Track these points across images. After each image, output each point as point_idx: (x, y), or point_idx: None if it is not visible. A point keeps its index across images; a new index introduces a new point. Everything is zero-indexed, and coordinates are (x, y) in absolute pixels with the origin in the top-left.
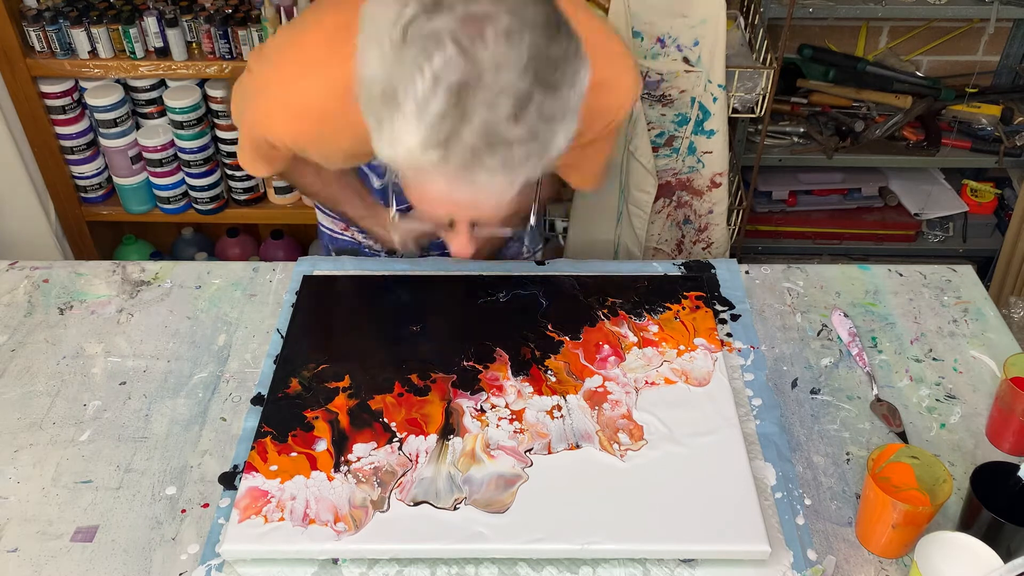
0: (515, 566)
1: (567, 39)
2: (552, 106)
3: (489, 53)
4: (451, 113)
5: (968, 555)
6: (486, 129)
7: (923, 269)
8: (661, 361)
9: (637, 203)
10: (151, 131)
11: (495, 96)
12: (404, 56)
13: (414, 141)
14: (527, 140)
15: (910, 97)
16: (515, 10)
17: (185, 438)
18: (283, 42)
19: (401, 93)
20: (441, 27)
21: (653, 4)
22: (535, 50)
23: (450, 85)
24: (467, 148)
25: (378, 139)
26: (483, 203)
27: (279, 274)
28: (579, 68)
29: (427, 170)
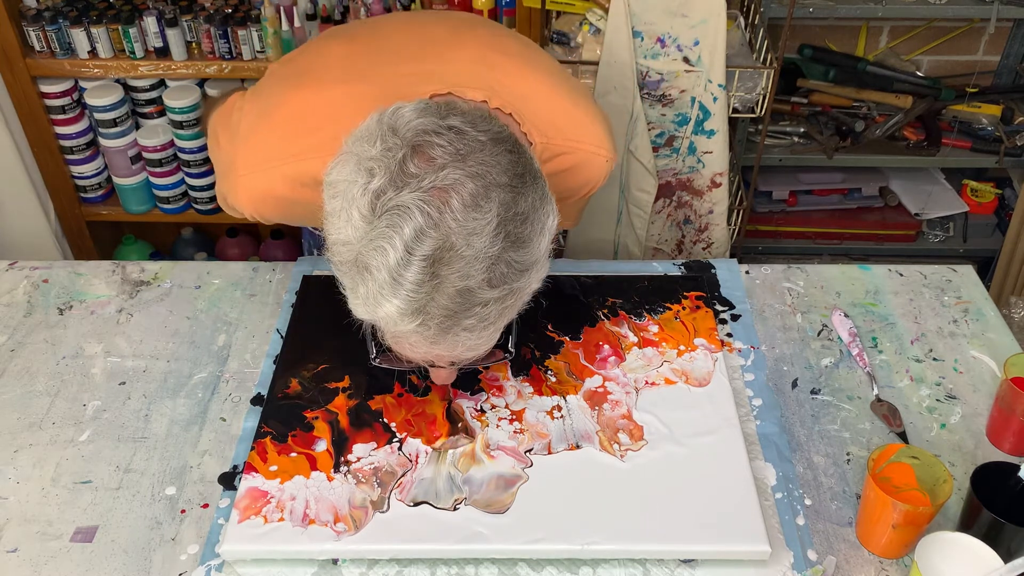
0: (515, 566)
1: (532, 186)
2: (524, 258)
3: (459, 222)
4: (427, 282)
5: (968, 555)
6: (462, 294)
7: (923, 269)
8: (661, 361)
9: (637, 203)
10: (151, 131)
11: (469, 264)
12: (374, 227)
13: (392, 309)
14: (502, 298)
15: (910, 97)
16: (480, 173)
17: (185, 438)
18: (248, 127)
19: (373, 264)
20: (409, 200)
21: (653, 4)
22: (504, 210)
23: (424, 255)
24: (444, 313)
25: (353, 300)
26: (462, 355)
27: (279, 274)
28: (548, 212)
29: (405, 335)
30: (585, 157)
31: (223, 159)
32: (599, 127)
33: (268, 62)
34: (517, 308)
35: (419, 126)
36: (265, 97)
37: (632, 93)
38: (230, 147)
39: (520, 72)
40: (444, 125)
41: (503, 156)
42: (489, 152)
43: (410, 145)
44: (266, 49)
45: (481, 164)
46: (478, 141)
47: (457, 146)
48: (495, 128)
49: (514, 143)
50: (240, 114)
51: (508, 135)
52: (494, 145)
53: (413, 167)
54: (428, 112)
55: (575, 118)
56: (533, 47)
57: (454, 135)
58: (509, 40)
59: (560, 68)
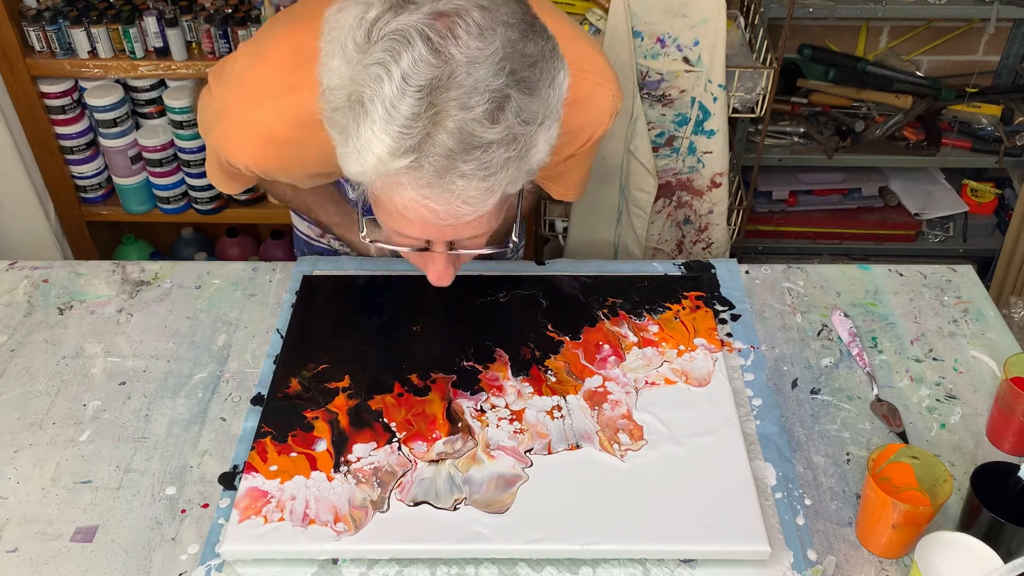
0: (515, 566)
1: (542, 38)
2: (530, 106)
3: (461, 49)
4: (423, 115)
5: (968, 555)
6: (461, 130)
7: (923, 269)
8: (661, 361)
9: (637, 203)
10: (151, 131)
11: (469, 94)
12: (370, 57)
13: (384, 148)
14: (505, 142)
15: (910, 97)
16: (487, 6)
17: (185, 438)
18: (242, 66)
19: (367, 97)
20: (408, 24)
21: (653, 4)
22: (509, 46)
23: (420, 85)
24: (441, 152)
25: (344, 153)
26: (461, 214)
27: (279, 274)
28: (557, 68)
29: (399, 180)
30: (591, 88)
31: (214, 108)
32: (605, 62)
33: None
34: (522, 170)
35: None
36: (258, 40)
37: (632, 93)
38: (221, 91)
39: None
40: None
41: (513, 4)
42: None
43: None
44: None
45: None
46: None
47: None
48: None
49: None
50: (232, 63)
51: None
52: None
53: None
54: None
55: (581, 49)
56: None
57: None
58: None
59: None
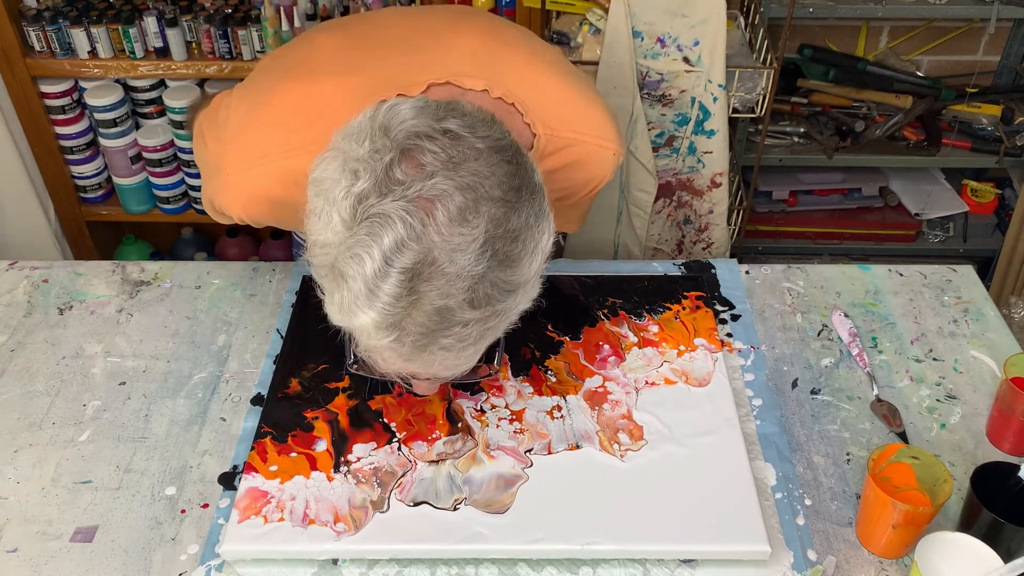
0: (515, 566)
1: (529, 200)
2: (512, 279)
3: (443, 236)
4: (404, 297)
5: (968, 555)
6: (440, 313)
7: (923, 269)
8: (661, 361)
9: (637, 203)
10: (151, 131)
11: (451, 282)
12: (353, 234)
13: (366, 320)
14: (484, 319)
15: (910, 97)
16: (471, 185)
17: (185, 438)
18: (239, 121)
19: (350, 272)
20: (390, 209)
21: (653, 4)
22: (493, 227)
23: (403, 267)
24: (421, 330)
25: (329, 305)
26: (439, 373)
27: (279, 274)
28: (542, 231)
29: (382, 351)
30: (591, 150)
31: (210, 159)
32: (605, 118)
33: None
34: (501, 329)
35: (412, 128)
36: (254, 92)
37: (632, 93)
38: (217, 145)
39: (522, 61)
40: (439, 128)
41: (500, 167)
42: (485, 162)
43: (400, 148)
44: (266, 49)
45: (474, 175)
46: (475, 149)
47: (450, 153)
48: (496, 135)
49: (515, 152)
50: (228, 111)
51: (509, 143)
52: (491, 154)
53: (400, 173)
54: (425, 113)
55: (580, 109)
56: (534, 37)
57: (449, 140)
58: (510, 30)
59: (563, 58)
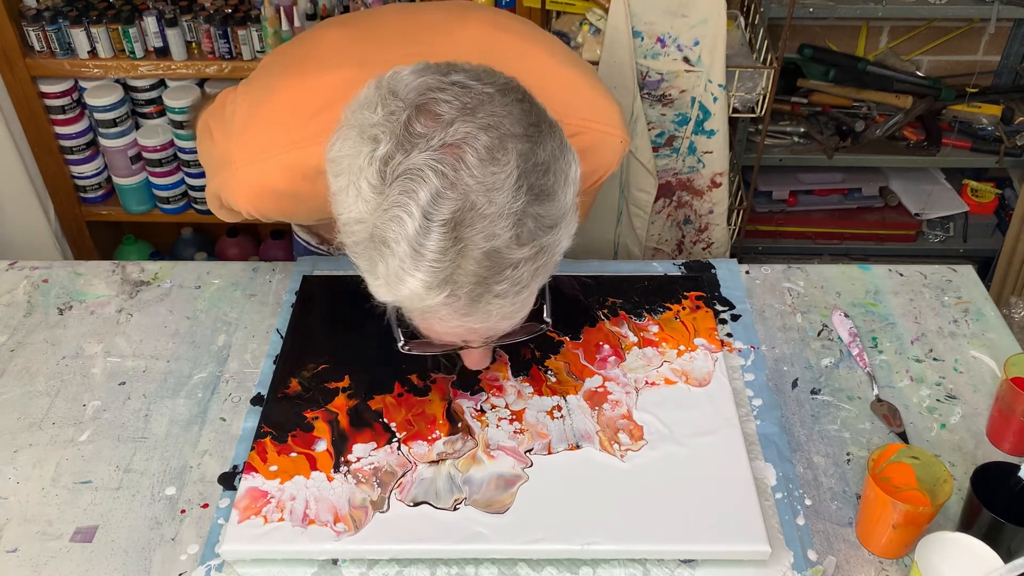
0: (515, 566)
1: (550, 133)
2: (551, 212)
3: (476, 178)
4: (450, 248)
5: (968, 555)
6: (490, 257)
7: (923, 269)
8: (661, 361)
9: (637, 203)
10: (150, 131)
11: (493, 222)
12: (387, 199)
13: (416, 283)
14: (533, 257)
15: (910, 97)
16: (493, 124)
17: (185, 438)
18: (244, 116)
19: (391, 236)
20: (420, 162)
21: (653, 4)
22: (523, 161)
23: (444, 220)
24: (473, 280)
25: (373, 281)
26: (496, 327)
27: (279, 274)
28: (569, 162)
29: (437, 311)
30: (598, 138)
31: (216, 155)
32: (611, 106)
33: None
34: (550, 269)
35: (420, 85)
36: (259, 87)
37: (632, 93)
38: (224, 140)
39: (527, 50)
40: (447, 81)
41: (514, 106)
42: (498, 103)
43: (413, 105)
44: (266, 49)
45: (492, 115)
46: (485, 93)
47: (464, 100)
48: (500, 80)
49: (523, 92)
50: (233, 107)
51: (516, 85)
52: (502, 95)
53: (420, 127)
54: (428, 71)
55: (586, 97)
56: (536, 27)
57: (459, 89)
58: (513, 21)
59: (566, 47)
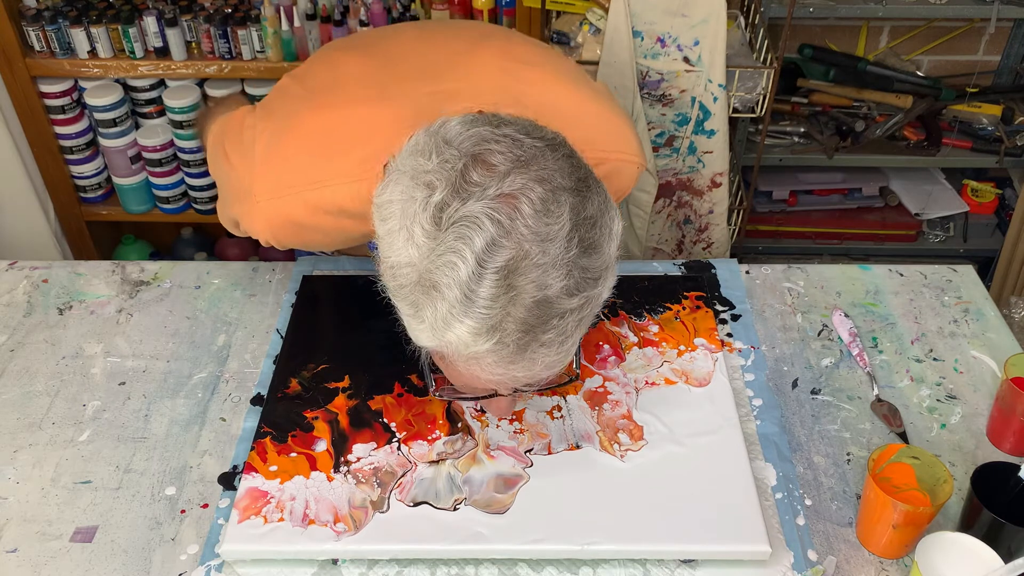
0: (515, 566)
1: (596, 188)
2: (597, 266)
3: (531, 228)
4: (502, 296)
5: (969, 555)
6: (539, 306)
7: (924, 269)
8: (661, 361)
9: (637, 203)
10: (150, 131)
11: (545, 272)
12: (441, 242)
13: (464, 329)
14: (579, 308)
15: (911, 97)
16: (546, 177)
17: (185, 438)
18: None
19: (443, 281)
20: (477, 210)
21: (653, 3)
22: (574, 215)
23: (497, 267)
24: (521, 328)
25: (418, 326)
26: (537, 376)
27: (279, 274)
28: (613, 217)
29: (481, 357)
30: (617, 166)
31: (234, 183)
32: (628, 133)
33: (268, 62)
34: (590, 320)
35: (475, 136)
36: (280, 116)
37: (632, 93)
38: (245, 170)
39: (544, 81)
40: (499, 133)
41: (563, 161)
42: (550, 157)
43: (469, 155)
44: (266, 49)
45: (544, 169)
46: (535, 148)
47: (516, 152)
48: (548, 135)
49: (569, 148)
50: (253, 132)
51: (562, 140)
52: (551, 151)
53: (476, 176)
54: (479, 122)
55: (604, 126)
56: (550, 51)
57: (511, 142)
58: (527, 47)
59: (580, 71)
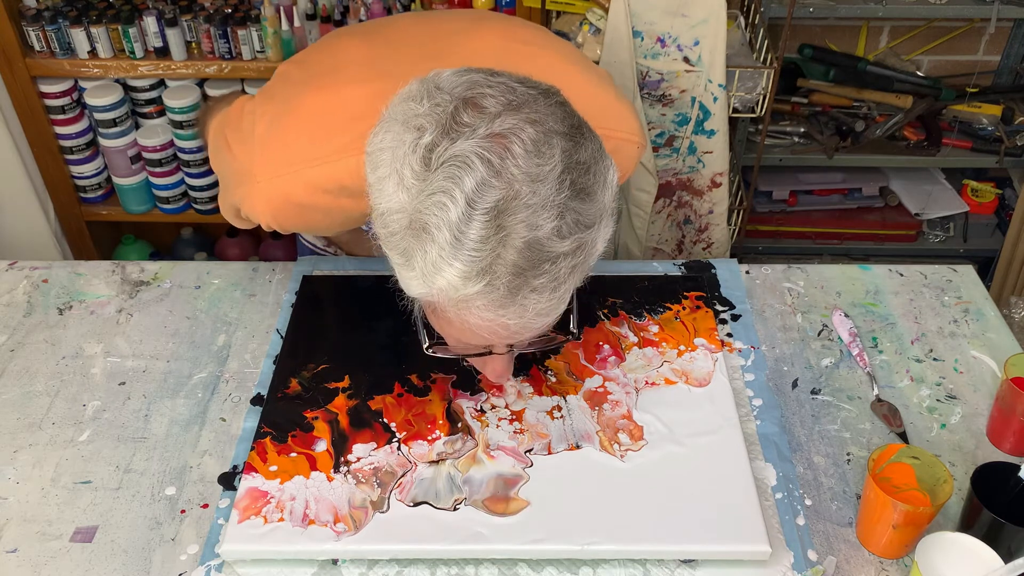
0: (515, 566)
1: (591, 137)
2: (590, 211)
3: (522, 168)
4: (491, 237)
5: (969, 555)
6: (530, 247)
7: (924, 269)
8: (661, 361)
9: (637, 203)
10: (150, 131)
11: (536, 213)
12: (430, 183)
13: (455, 272)
14: (572, 253)
15: (911, 97)
16: (538, 120)
17: (184, 438)
18: (265, 129)
19: (433, 224)
20: (466, 149)
21: (653, 3)
22: (566, 157)
23: (487, 208)
24: (512, 271)
25: (407, 274)
26: (529, 325)
27: (279, 274)
28: (607, 166)
29: (472, 302)
30: (617, 144)
31: (235, 167)
32: (629, 112)
33: (268, 62)
34: (585, 270)
35: (467, 81)
36: (280, 99)
37: (632, 93)
38: (245, 154)
39: (544, 59)
40: (493, 80)
41: (556, 108)
42: (542, 103)
43: (460, 98)
44: (266, 49)
45: (536, 112)
46: (528, 94)
47: (509, 97)
48: (543, 85)
49: (563, 98)
50: (252, 118)
51: (556, 90)
52: (545, 98)
53: (467, 117)
54: (472, 71)
55: (604, 104)
56: (549, 34)
57: (504, 87)
58: (527, 30)
59: (581, 54)
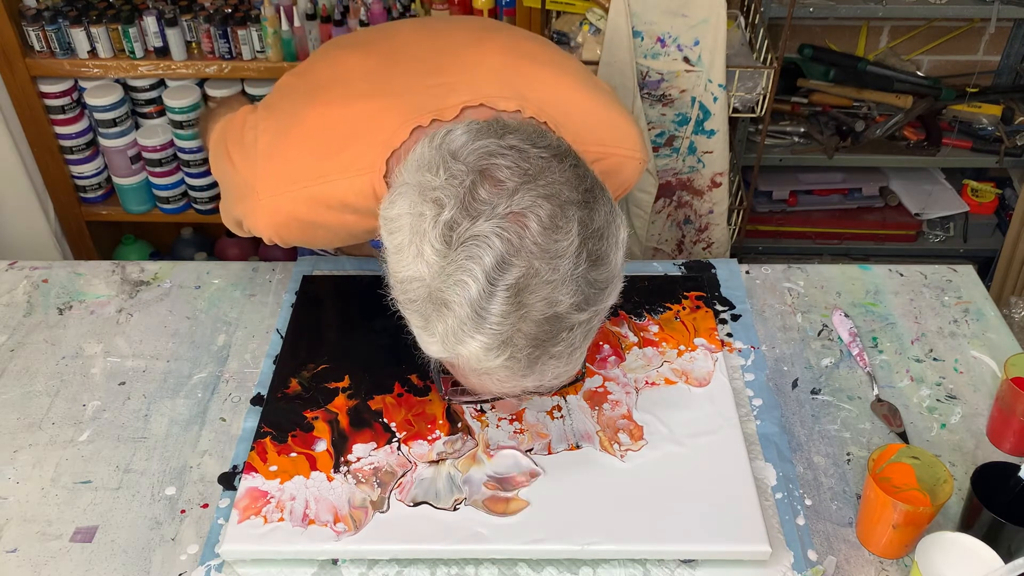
0: (515, 566)
1: (602, 197)
2: (605, 275)
3: (540, 246)
4: (512, 313)
5: (969, 555)
6: (550, 321)
7: (924, 269)
8: (661, 361)
9: (637, 203)
10: (150, 131)
11: (555, 289)
12: (451, 261)
13: (476, 345)
14: (588, 320)
15: (911, 97)
16: (554, 193)
17: (184, 438)
18: (267, 145)
19: (454, 299)
20: (486, 229)
21: (653, 3)
22: (583, 229)
23: (508, 285)
24: (532, 343)
25: (428, 338)
26: (550, 383)
27: (279, 274)
28: (619, 225)
29: (494, 372)
30: (620, 162)
31: (237, 180)
32: (631, 129)
33: (268, 62)
34: (597, 329)
35: (480, 149)
36: (281, 114)
37: (632, 93)
38: (248, 168)
39: (547, 77)
40: (504, 145)
41: (568, 172)
42: (556, 170)
43: (476, 170)
44: (266, 49)
45: (551, 183)
46: (541, 159)
47: (523, 166)
48: (553, 143)
49: (575, 156)
50: (255, 132)
51: (567, 148)
52: (557, 162)
53: (484, 193)
54: (483, 133)
55: (607, 121)
56: (553, 48)
57: (517, 154)
58: (530, 43)
59: (583, 68)
